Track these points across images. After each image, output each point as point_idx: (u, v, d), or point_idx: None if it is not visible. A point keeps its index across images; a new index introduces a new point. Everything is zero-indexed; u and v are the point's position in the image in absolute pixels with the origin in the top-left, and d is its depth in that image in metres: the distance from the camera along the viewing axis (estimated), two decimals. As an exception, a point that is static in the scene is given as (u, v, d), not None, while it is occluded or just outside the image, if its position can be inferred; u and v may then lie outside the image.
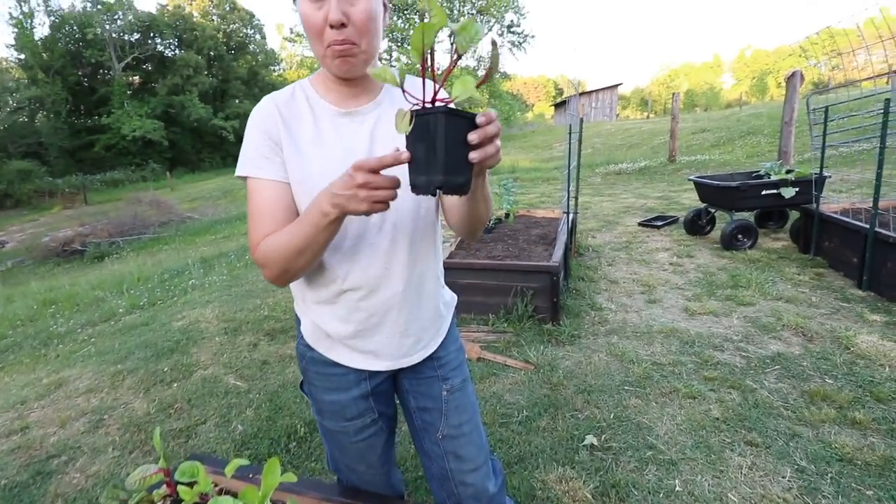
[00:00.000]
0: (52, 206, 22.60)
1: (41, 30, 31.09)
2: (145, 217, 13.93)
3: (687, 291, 3.47)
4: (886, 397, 2.03)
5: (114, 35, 30.95)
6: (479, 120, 0.64)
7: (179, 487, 1.09)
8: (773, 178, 4.24)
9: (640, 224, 5.56)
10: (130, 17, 31.45)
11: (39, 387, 2.63)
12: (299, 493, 1.17)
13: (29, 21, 30.18)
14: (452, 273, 3.22)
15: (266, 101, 0.90)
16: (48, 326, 4.00)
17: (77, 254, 11.54)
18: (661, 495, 1.65)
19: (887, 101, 2.75)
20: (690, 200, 6.66)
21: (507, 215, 4.35)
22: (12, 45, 30.45)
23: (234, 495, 0.81)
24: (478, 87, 0.65)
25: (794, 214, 4.60)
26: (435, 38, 0.65)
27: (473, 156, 0.64)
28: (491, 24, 26.46)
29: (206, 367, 2.76)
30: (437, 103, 0.66)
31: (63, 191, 24.40)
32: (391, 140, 0.89)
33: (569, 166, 3.80)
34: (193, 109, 31.14)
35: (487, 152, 0.66)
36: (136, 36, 32.20)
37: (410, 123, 0.64)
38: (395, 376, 1.11)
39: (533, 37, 27.24)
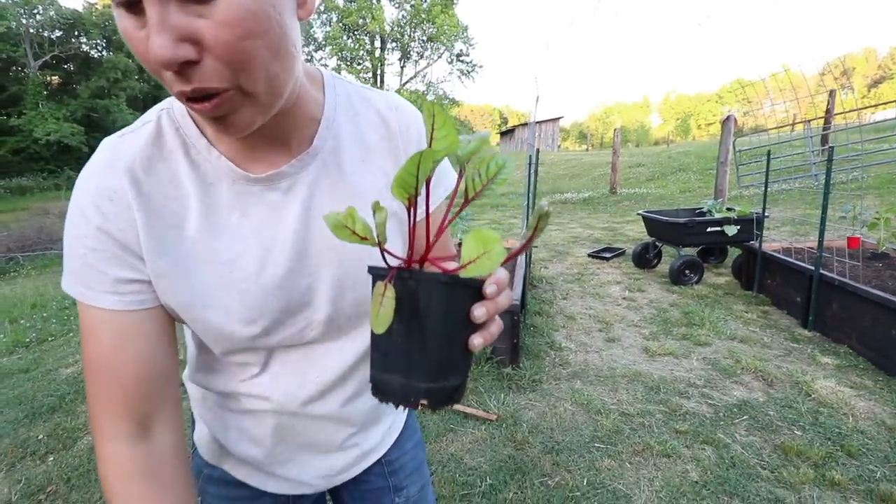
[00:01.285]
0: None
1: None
2: (53, 231, 12.36)
3: (644, 329, 3.39)
4: (857, 452, 1.96)
5: (31, 30, 28.27)
6: (488, 290, 0.40)
7: None
8: (716, 215, 4.36)
9: (589, 255, 5.57)
10: (52, 13, 28.91)
11: None
12: None
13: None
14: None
15: (108, 162, 0.50)
16: None
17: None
18: (651, 589, 1.41)
19: (831, 149, 2.85)
20: (634, 232, 6.84)
21: (460, 244, 4.13)
22: None
23: None
24: (507, 261, 0.39)
25: (733, 251, 4.77)
26: (431, 169, 0.38)
27: (476, 343, 0.40)
28: (441, 51, 27.06)
29: (96, 429, 2.24)
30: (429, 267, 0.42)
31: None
32: (332, 237, 0.56)
33: (528, 197, 3.67)
34: (120, 115, 28.93)
35: (493, 335, 0.42)
36: (58, 33, 29.62)
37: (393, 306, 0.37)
38: (331, 490, 0.81)
39: (481, 66, 28.13)
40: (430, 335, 0.38)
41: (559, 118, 34.80)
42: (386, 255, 0.41)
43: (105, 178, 0.49)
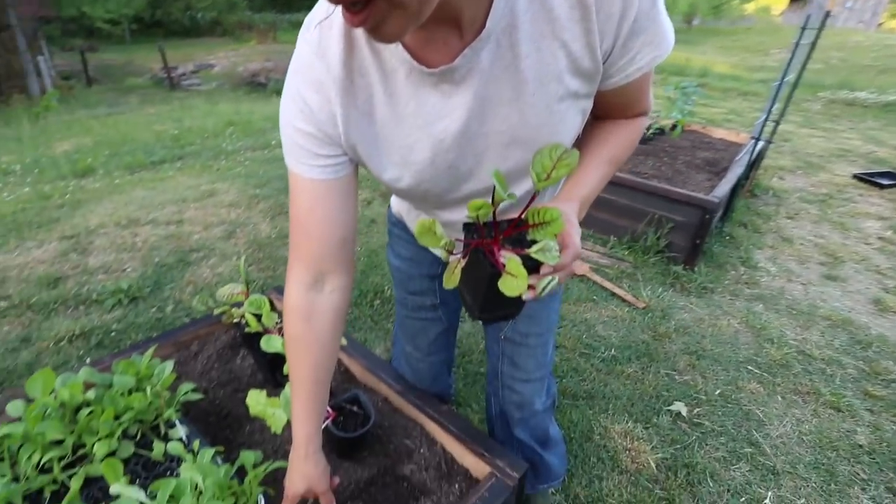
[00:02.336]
0: (250, 40, 25.32)
1: None
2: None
3: (888, 280, 2.63)
4: None
5: None
6: (543, 269, 0.52)
7: (248, 315, 1.16)
8: None
9: (855, 176, 4.25)
10: None
11: (198, 192, 3.10)
12: (349, 354, 1.18)
13: None
14: (583, 180, 2.83)
15: (311, 59, 0.57)
16: (221, 143, 4.64)
17: (261, 86, 13.04)
18: (742, 500, 1.37)
19: None
20: (951, 161, 4.83)
21: (674, 127, 3.59)
22: None
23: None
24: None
25: None
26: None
27: (528, 296, 0.52)
28: None
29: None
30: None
31: (259, 26, 26.97)
32: (503, 122, 0.57)
33: (781, 78, 2.86)
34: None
35: (539, 297, 0.54)
36: None
37: (463, 269, 0.58)
38: None
39: None
40: (479, 289, 0.55)
41: (903, -19, 23.73)
42: (468, 236, 0.56)
43: (311, 74, 0.57)
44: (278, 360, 0.99)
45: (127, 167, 3.92)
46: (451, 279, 0.58)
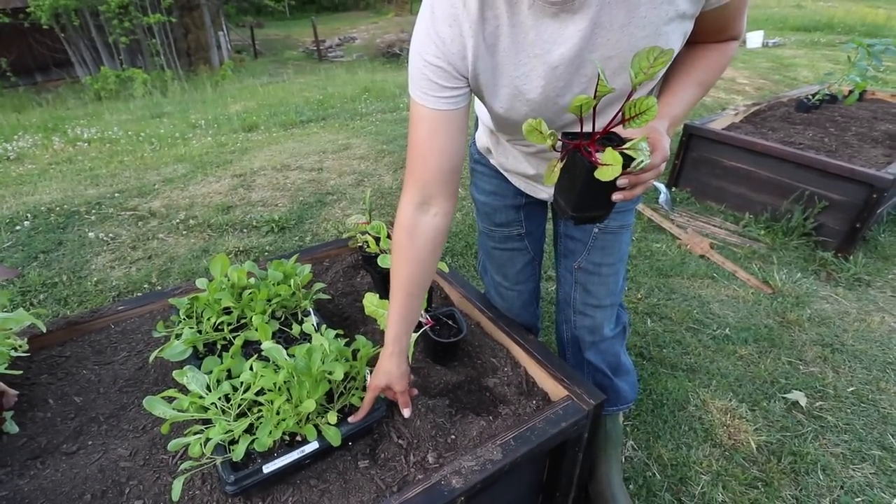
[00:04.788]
0: (388, 13, 26.52)
1: None
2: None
3: None
4: None
5: None
6: (619, 182, 0.56)
7: (368, 237, 1.36)
8: None
9: None
10: None
11: (335, 145, 3.48)
12: (449, 282, 1.31)
13: None
14: (720, 149, 2.58)
15: None
16: (357, 107, 5.08)
17: (395, 56, 13.73)
18: (859, 500, 1.23)
19: None
20: None
21: (850, 93, 3.01)
22: None
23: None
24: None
25: None
26: None
27: (617, 197, 0.59)
28: None
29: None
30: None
31: None
32: (613, 48, 0.61)
33: None
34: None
35: (633, 194, 0.59)
36: None
37: (561, 169, 0.63)
38: None
39: None
40: (580, 185, 0.59)
41: None
42: (566, 140, 0.61)
43: (447, 7, 0.64)
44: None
45: (282, 125, 4.53)
46: (552, 176, 0.64)
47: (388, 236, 1.37)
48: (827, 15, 10.19)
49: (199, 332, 1.05)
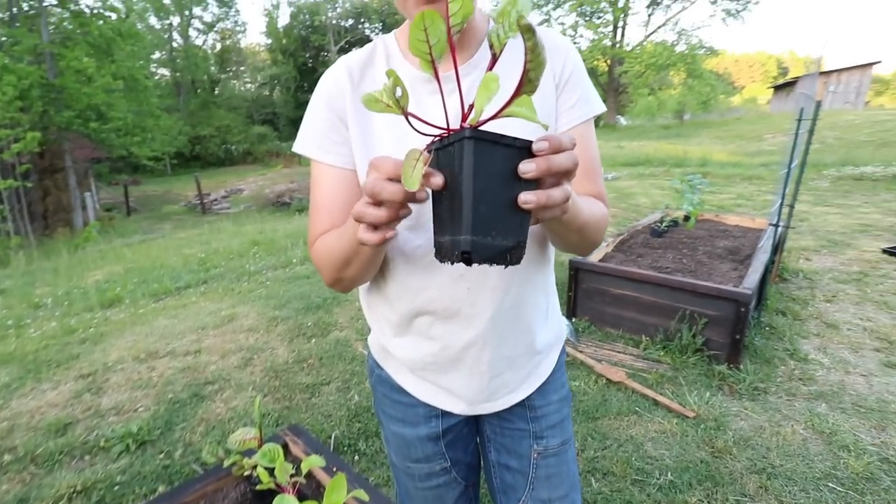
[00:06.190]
0: (277, 165, 27.81)
1: (283, 19, 37.99)
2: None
3: (960, 363, 2.37)
4: None
5: (333, 22, 36.12)
6: (537, 146, 0.42)
7: (259, 469, 1.04)
8: None
9: (885, 251, 4.11)
10: (347, 5, 36.14)
11: (218, 317, 3.11)
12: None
13: (276, 12, 37.21)
14: (605, 280, 2.77)
15: (338, 64, 0.71)
16: (245, 264, 4.79)
17: (285, 205, 13.98)
18: None
19: None
20: (982, 228, 4.69)
21: (687, 218, 3.60)
22: (263, 33, 37.95)
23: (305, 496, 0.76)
24: (515, 97, 0.42)
25: None
26: (457, 30, 0.45)
27: (526, 198, 0.42)
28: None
29: (341, 329, 2.91)
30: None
31: (286, 153, 29.79)
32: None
33: (790, 163, 2.90)
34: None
35: (552, 197, 0.43)
36: (350, 22, 37.02)
37: (424, 166, 0.44)
38: (476, 418, 0.87)
39: (756, 3, 22.58)
40: (465, 190, 0.40)
41: (873, 64, 25.48)
42: (425, 123, 0.47)
43: (334, 72, 0.70)
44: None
45: (153, 294, 4.02)
46: (413, 177, 0.42)
47: (289, 455, 1.08)
48: (643, 152, 12.89)
49: None
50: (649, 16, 25.41)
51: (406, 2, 0.61)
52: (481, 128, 0.44)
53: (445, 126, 0.47)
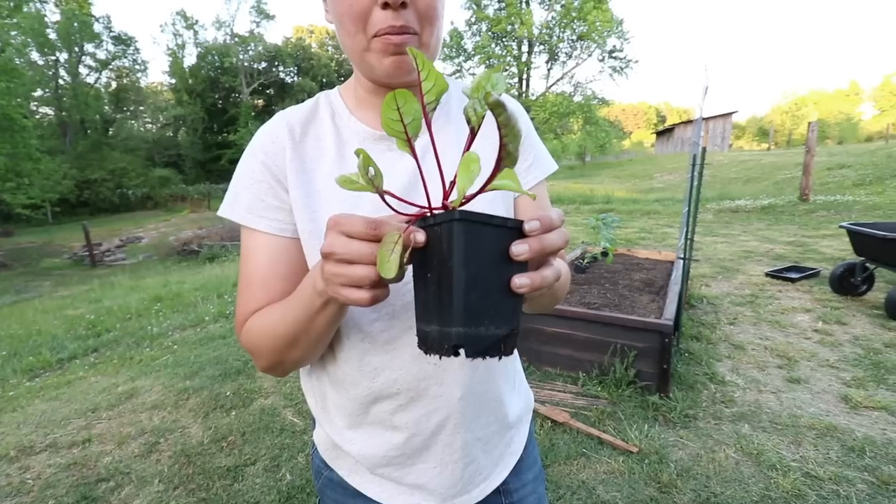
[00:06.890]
0: (183, 210, 25.78)
1: (189, 59, 36.49)
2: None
3: (844, 372, 2.70)
4: None
5: (245, 64, 35.42)
6: (529, 226, 0.39)
7: None
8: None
9: (768, 274, 4.68)
10: (260, 48, 35.74)
11: (114, 394, 2.66)
12: None
13: (181, 52, 35.65)
14: (538, 318, 2.81)
15: (276, 119, 0.65)
16: (146, 325, 4.24)
17: (193, 254, 12.84)
18: None
19: None
20: (833, 249, 5.56)
21: (605, 253, 3.83)
22: (167, 72, 36.15)
23: None
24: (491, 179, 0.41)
25: None
26: (432, 108, 0.43)
27: (521, 282, 0.39)
28: (592, 49, 25.80)
29: (266, 396, 2.62)
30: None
31: (193, 197, 27.82)
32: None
33: (689, 203, 3.23)
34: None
35: (546, 279, 0.41)
36: (263, 65, 36.59)
37: (405, 253, 0.40)
38: None
39: (636, 62, 25.99)
40: (456, 276, 0.37)
41: (732, 113, 30.26)
42: (403, 203, 0.44)
43: (272, 128, 0.63)
44: None
45: (27, 371, 3.38)
46: (390, 263, 0.38)
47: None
48: (554, 192, 13.84)
49: None
50: (549, 70, 28.02)
51: (364, 52, 0.57)
52: (466, 206, 0.41)
53: (427, 205, 0.43)
